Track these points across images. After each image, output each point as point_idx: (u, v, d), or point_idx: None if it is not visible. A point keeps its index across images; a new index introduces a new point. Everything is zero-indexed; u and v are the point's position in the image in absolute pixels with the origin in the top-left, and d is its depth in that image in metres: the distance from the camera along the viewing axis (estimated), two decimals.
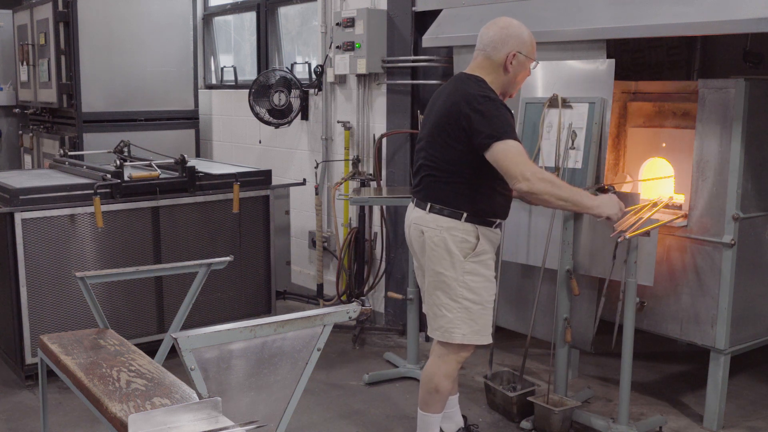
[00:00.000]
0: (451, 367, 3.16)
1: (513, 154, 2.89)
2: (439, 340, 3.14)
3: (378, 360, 4.64)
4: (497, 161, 2.90)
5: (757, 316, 3.75)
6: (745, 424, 3.80)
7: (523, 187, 2.89)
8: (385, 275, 5.19)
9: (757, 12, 3.09)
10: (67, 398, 3.98)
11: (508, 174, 2.90)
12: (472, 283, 3.06)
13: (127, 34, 6.04)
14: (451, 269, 3.05)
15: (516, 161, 2.88)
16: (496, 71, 3.08)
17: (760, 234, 3.65)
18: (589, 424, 3.64)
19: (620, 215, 3.11)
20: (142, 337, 4.37)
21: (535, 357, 4.46)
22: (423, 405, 3.23)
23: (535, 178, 2.87)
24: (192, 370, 2.15)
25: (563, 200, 2.97)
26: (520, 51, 3.05)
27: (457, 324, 3.08)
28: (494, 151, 2.89)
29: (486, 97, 2.96)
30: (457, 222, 3.03)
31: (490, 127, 2.90)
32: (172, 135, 6.33)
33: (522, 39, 3.07)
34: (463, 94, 3.00)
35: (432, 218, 3.07)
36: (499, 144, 2.88)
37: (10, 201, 4.03)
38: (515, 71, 3.08)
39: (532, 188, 2.88)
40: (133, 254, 4.36)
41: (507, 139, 2.89)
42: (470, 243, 3.04)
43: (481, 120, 2.91)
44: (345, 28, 5.01)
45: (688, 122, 3.82)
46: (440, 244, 3.05)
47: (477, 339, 3.11)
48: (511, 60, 3.05)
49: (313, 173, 5.63)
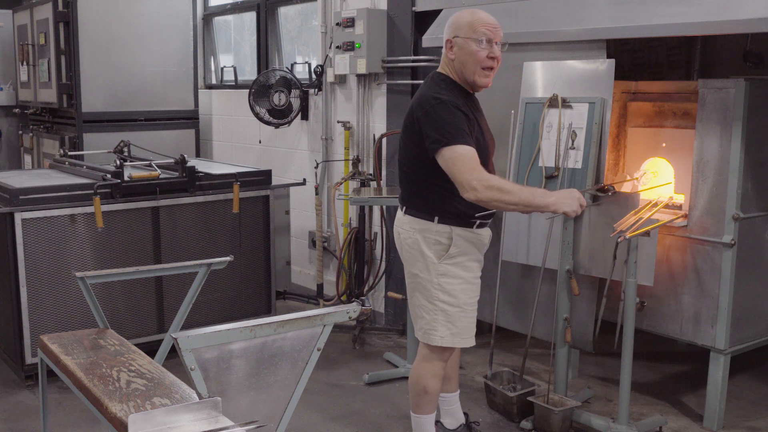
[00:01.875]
0: (437, 367, 3.13)
1: (459, 161, 2.80)
2: (421, 341, 3.14)
3: (378, 360, 4.64)
4: (445, 167, 2.85)
5: (757, 316, 3.75)
6: (745, 424, 3.80)
7: (470, 196, 2.82)
8: (385, 275, 5.19)
9: (757, 12, 3.10)
10: (67, 398, 3.98)
11: (456, 182, 2.83)
12: (447, 285, 3.02)
13: (127, 34, 6.04)
14: (425, 271, 3.03)
15: (462, 169, 2.80)
16: (448, 64, 3.03)
17: (760, 234, 3.65)
18: (589, 424, 3.64)
19: (579, 210, 2.98)
20: (142, 337, 4.37)
21: (535, 357, 4.46)
22: (414, 407, 3.22)
23: (481, 186, 2.78)
24: (192, 370, 2.15)
25: (514, 204, 2.88)
26: (456, 35, 2.96)
27: (435, 326, 3.05)
28: (442, 156, 2.83)
29: (437, 98, 2.89)
30: (430, 224, 3.00)
31: (437, 131, 2.84)
32: (172, 135, 6.34)
33: (458, 24, 2.97)
34: (419, 95, 2.98)
35: (407, 220, 3.06)
36: (446, 150, 2.82)
37: (10, 201, 4.03)
38: (459, 56, 2.96)
39: (480, 197, 2.81)
40: (133, 254, 4.36)
41: (454, 144, 2.81)
42: (443, 245, 3.00)
43: (429, 123, 2.86)
44: (345, 28, 5.01)
45: (688, 122, 3.82)
46: (414, 246, 3.03)
47: (457, 342, 3.08)
48: (450, 48, 2.99)
49: (313, 173, 5.63)
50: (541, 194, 2.97)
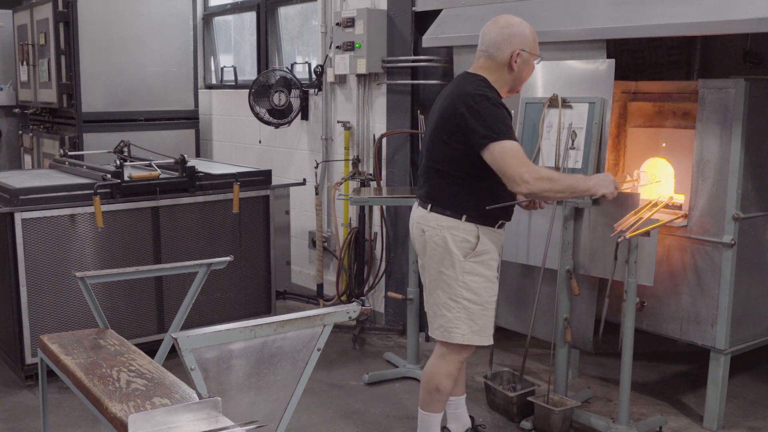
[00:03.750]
0: (453, 367, 3.16)
1: (510, 155, 2.87)
2: (439, 339, 3.15)
3: (378, 360, 4.64)
4: (494, 162, 2.89)
5: (757, 316, 3.75)
6: (745, 424, 3.80)
7: (522, 189, 2.89)
8: (385, 275, 5.19)
9: (757, 12, 3.09)
10: (67, 398, 3.98)
11: (506, 176, 2.89)
12: (471, 283, 3.05)
13: (127, 34, 6.04)
14: (450, 268, 3.05)
15: (513, 163, 2.86)
16: (499, 71, 3.07)
17: (760, 234, 3.65)
18: (589, 424, 3.65)
19: (615, 193, 3.08)
20: (142, 337, 4.37)
21: (535, 357, 4.46)
22: (423, 404, 3.23)
23: (533, 179, 2.86)
24: (192, 370, 2.15)
25: (561, 192, 3.00)
26: (523, 49, 3.05)
27: (457, 324, 3.07)
28: (490, 151, 2.88)
29: (483, 96, 2.94)
30: (458, 222, 3.03)
31: (485, 126, 2.88)
32: (172, 135, 6.33)
33: (524, 36, 3.06)
34: (461, 92, 2.99)
35: (433, 217, 3.07)
36: (495, 145, 2.87)
37: (10, 201, 4.03)
38: (520, 69, 3.08)
39: (532, 189, 2.88)
40: (133, 254, 4.36)
41: (503, 139, 2.87)
42: (470, 243, 3.03)
43: (477, 119, 2.90)
44: (345, 28, 5.01)
45: (688, 122, 3.82)
46: (441, 244, 3.05)
47: (477, 339, 3.10)
48: (515, 59, 3.04)
49: (313, 173, 5.63)
50: (582, 179, 3.11)
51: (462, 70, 4.35)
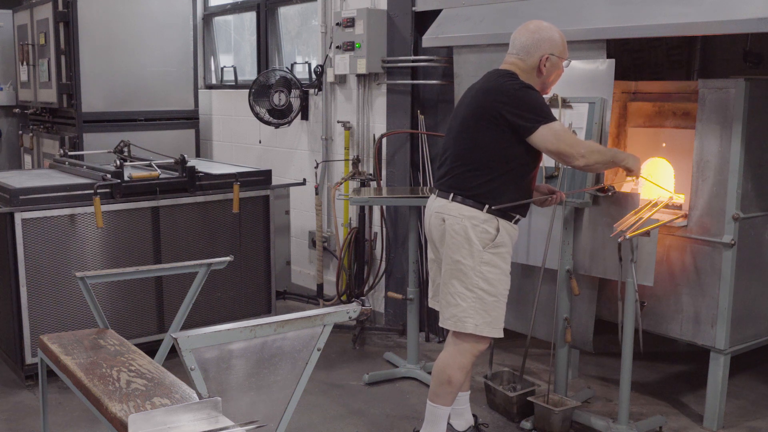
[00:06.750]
0: (467, 360, 3.18)
1: (563, 135, 3.02)
2: (451, 329, 3.17)
3: (378, 360, 4.64)
4: (547, 143, 3.01)
5: (757, 316, 3.75)
6: (745, 424, 3.80)
7: (580, 163, 3.05)
8: (385, 275, 5.19)
9: (757, 12, 3.09)
10: (67, 398, 3.98)
11: (563, 154, 3.03)
12: (488, 273, 3.09)
13: (127, 34, 6.04)
14: (469, 258, 3.09)
15: (569, 141, 3.03)
16: (528, 73, 3.16)
17: (760, 234, 3.65)
18: (589, 424, 3.65)
19: (640, 171, 3.33)
20: (142, 337, 4.37)
21: (535, 357, 4.46)
22: (433, 396, 3.24)
23: (588, 152, 3.04)
24: (192, 370, 2.15)
25: (606, 163, 3.20)
26: (552, 53, 3.15)
27: (470, 313, 3.11)
28: (542, 133, 2.99)
29: (521, 84, 3.06)
30: (479, 212, 3.08)
31: (531, 111, 3.00)
32: (172, 135, 6.33)
33: (554, 41, 3.16)
34: (498, 86, 3.07)
35: (455, 206, 3.12)
36: (545, 127, 2.99)
37: (10, 201, 4.03)
38: (548, 72, 3.18)
39: (588, 162, 3.06)
40: (133, 254, 4.36)
41: (552, 121, 3.01)
42: (490, 234, 3.08)
43: (521, 106, 3.00)
44: (345, 28, 5.01)
45: (688, 122, 3.82)
46: (461, 232, 3.09)
47: (488, 330, 3.14)
48: (544, 63, 3.14)
49: (313, 173, 5.63)
50: (620, 152, 3.34)
51: (462, 70, 4.37)
